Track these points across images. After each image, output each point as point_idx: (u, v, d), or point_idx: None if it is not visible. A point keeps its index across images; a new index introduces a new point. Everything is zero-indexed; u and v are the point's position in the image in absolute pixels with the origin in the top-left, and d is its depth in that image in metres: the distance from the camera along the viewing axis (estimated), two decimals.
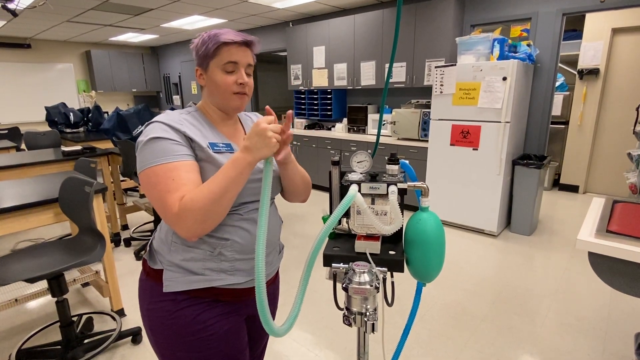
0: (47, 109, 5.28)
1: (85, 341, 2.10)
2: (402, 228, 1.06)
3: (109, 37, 7.17)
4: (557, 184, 5.16)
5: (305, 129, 5.60)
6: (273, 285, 1.19)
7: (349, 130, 5.14)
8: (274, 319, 1.22)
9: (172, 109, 1.16)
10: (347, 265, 0.99)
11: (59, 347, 2.04)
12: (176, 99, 8.56)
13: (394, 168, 1.05)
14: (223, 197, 0.85)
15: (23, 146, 4.94)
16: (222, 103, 1.01)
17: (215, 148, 0.97)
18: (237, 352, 1.04)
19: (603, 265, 1.25)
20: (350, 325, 0.97)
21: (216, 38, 0.95)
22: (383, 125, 4.65)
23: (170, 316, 0.96)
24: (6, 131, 5.47)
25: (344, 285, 0.95)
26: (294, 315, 0.90)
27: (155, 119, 0.96)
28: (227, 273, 0.98)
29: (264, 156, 0.87)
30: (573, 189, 4.97)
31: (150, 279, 1.00)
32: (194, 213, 0.84)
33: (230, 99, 0.99)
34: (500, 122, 3.28)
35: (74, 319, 2.27)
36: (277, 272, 1.20)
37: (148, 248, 1.05)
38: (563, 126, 5.04)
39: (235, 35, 0.96)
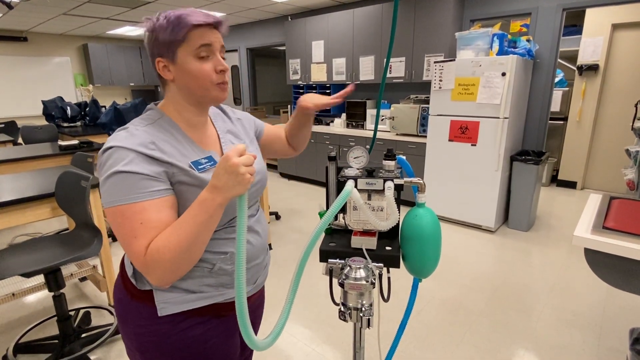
0: (44, 102, 5.25)
1: (83, 335, 2.10)
2: (398, 224, 1.06)
3: (106, 31, 7.11)
4: (555, 180, 5.17)
5: None
6: (262, 292, 1.17)
7: (347, 126, 5.13)
8: (260, 324, 1.21)
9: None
10: (343, 261, 0.99)
11: (56, 341, 2.04)
12: None
13: (390, 164, 1.05)
14: (194, 244, 0.76)
15: (20, 140, 4.92)
16: (201, 96, 0.87)
17: (199, 167, 0.85)
18: None
19: (599, 261, 1.26)
20: (345, 320, 0.97)
21: (184, 20, 0.80)
22: (382, 120, 4.64)
23: (168, 340, 0.89)
24: (3, 125, 5.44)
25: (340, 281, 0.95)
26: (277, 331, 0.86)
27: (117, 142, 0.78)
28: (226, 287, 0.92)
29: (236, 195, 0.75)
30: (571, 185, 4.98)
31: (137, 300, 0.89)
32: (162, 264, 0.74)
33: (211, 89, 0.86)
34: (499, 117, 3.28)
35: (72, 313, 2.28)
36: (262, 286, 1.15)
37: (131, 267, 0.91)
38: (562, 122, 5.04)
39: (204, 15, 0.82)
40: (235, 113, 1.11)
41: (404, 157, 1.10)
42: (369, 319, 0.96)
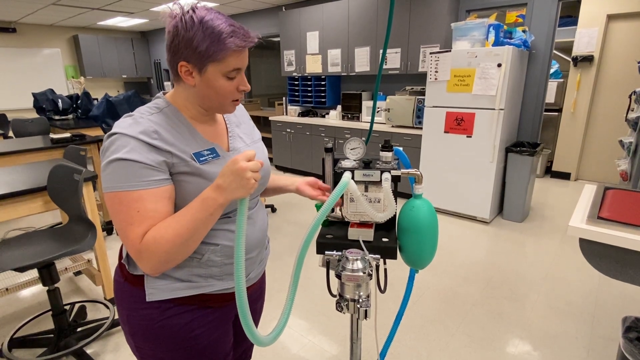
0: (34, 95, 5.16)
1: (78, 329, 2.09)
2: (395, 215, 1.06)
3: (97, 22, 6.98)
4: (549, 171, 5.20)
5: (298, 116, 5.55)
6: (261, 286, 1.16)
7: (343, 118, 5.10)
8: (260, 318, 1.21)
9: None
10: (340, 253, 0.98)
11: (52, 335, 2.03)
12: (167, 85, 8.42)
13: (387, 155, 1.04)
14: (190, 239, 0.78)
15: (11, 134, 4.84)
16: (215, 108, 0.89)
17: (201, 159, 0.85)
18: (223, 357, 1.02)
19: (594, 251, 1.26)
20: (342, 312, 0.97)
21: (225, 42, 0.79)
22: (377, 112, 4.62)
23: (156, 324, 0.90)
24: None
25: (337, 273, 0.94)
26: (281, 326, 0.87)
27: (121, 128, 0.79)
28: (215, 278, 0.92)
29: (238, 197, 0.78)
30: (565, 176, 5.02)
31: (130, 283, 0.91)
32: (156, 255, 0.77)
33: (228, 105, 0.89)
34: (494, 109, 3.27)
35: (67, 307, 2.26)
36: (264, 273, 1.15)
37: (125, 252, 0.93)
38: (556, 113, 5.06)
39: (244, 39, 0.82)
40: (245, 112, 1.12)
41: (401, 149, 1.09)
42: (366, 310, 0.96)
